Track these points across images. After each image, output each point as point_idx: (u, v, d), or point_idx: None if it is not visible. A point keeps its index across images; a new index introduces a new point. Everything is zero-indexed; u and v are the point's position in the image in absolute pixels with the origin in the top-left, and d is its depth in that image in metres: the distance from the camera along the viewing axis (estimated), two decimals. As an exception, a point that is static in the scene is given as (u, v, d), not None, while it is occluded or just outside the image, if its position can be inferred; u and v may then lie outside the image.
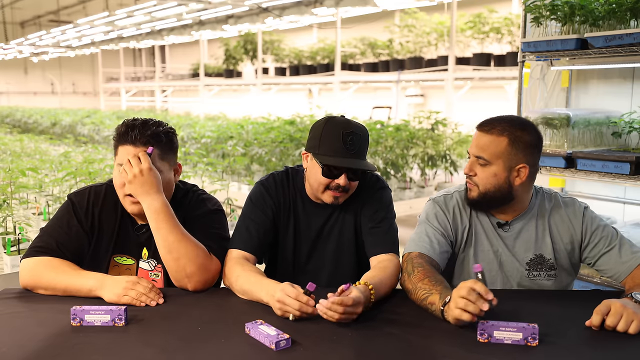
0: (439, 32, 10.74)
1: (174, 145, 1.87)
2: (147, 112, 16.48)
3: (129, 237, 1.87)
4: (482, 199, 1.80)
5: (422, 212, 1.95)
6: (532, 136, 1.78)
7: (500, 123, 1.78)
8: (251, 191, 1.98)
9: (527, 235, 1.86)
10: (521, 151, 1.76)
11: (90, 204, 1.85)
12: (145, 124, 1.80)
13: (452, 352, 1.37)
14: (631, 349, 1.40)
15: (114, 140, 1.82)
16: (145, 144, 1.77)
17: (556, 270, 1.86)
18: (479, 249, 1.87)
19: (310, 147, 1.88)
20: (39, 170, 4.68)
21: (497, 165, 1.76)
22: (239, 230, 1.91)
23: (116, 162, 1.81)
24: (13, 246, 3.20)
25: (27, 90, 25.57)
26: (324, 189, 1.85)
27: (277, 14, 12.23)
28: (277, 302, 1.54)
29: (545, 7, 2.89)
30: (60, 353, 1.36)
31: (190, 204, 1.91)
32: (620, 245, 1.80)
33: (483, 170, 1.78)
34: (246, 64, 15.75)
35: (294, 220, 1.96)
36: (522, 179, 1.77)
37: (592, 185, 3.23)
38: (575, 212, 1.86)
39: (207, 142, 7.71)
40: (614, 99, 3.07)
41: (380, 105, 13.74)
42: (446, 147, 7.19)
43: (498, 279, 1.87)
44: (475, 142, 1.80)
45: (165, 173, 1.82)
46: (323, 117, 1.92)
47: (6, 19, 21.20)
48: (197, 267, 1.73)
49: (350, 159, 1.81)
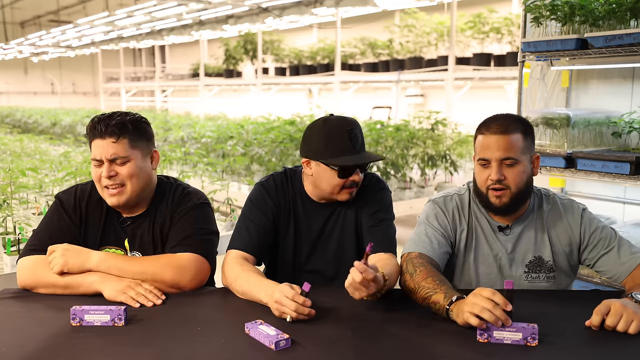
0: (439, 32, 10.74)
1: (145, 133, 1.88)
2: (147, 112, 16.45)
3: (115, 229, 1.89)
4: (514, 201, 1.78)
5: (421, 213, 1.95)
6: (530, 126, 1.84)
7: (508, 121, 1.78)
8: (251, 192, 1.99)
9: (527, 237, 1.85)
10: (531, 142, 1.82)
11: (77, 200, 1.89)
12: (111, 116, 1.82)
13: (452, 352, 1.37)
14: (631, 349, 1.40)
15: (86, 137, 1.85)
16: (112, 135, 1.78)
17: (555, 272, 1.86)
18: (479, 252, 1.87)
19: (316, 154, 1.86)
20: (39, 170, 4.68)
21: (523, 162, 1.78)
22: (239, 230, 1.91)
23: (91, 157, 1.84)
24: (13, 246, 3.20)
25: (27, 90, 25.56)
26: (339, 189, 1.87)
27: (277, 14, 12.23)
28: (275, 302, 1.54)
29: (545, 7, 2.89)
30: (60, 353, 1.36)
31: (174, 198, 1.92)
32: (619, 246, 1.79)
33: (512, 170, 1.76)
34: (246, 64, 15.75)
35: (295, 221, 1.97)
36: (537, 168, 1.82)
37: (592, 185, 3.23)
38: (574, 214, 1.86)
39: (207, 142, 7.71)
40: (614, 99, 3.07)
41: (380, 105, 13.74)
42: (446, 147, 7.18)
43: (497, 283, 1.86)
44: (497, 146, 1.75)
45: (137, 161, 1.83)
46: (316, 121, 1.91)
47: (6, 19, 21.21)
48: (173, 275, 1.74)
49: (359, 155, 1.84)
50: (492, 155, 1.76)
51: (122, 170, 1.80)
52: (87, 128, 1.83)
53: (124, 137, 1.79)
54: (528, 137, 1.79)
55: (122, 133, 1.79)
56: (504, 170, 1.76)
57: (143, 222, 1.89)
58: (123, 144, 1.79)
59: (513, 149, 1.75)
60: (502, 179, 1.76)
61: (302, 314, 1.52)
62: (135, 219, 1.89)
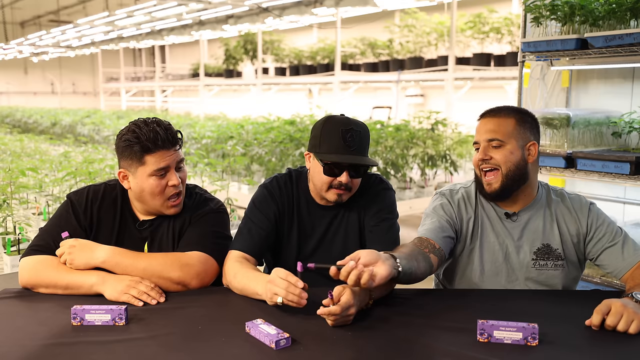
0: (439, 32, 10.74)
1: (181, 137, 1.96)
2: (147, 112, 16.46)
3: (130, 232, 1.89)
4: (505, 185, 1.82)
5: (428, 206, 1.99)
6: (532, 118, 1.88)
7: (503, 108, 1.87)
8: (255, 194, 1.99)
9: (534, 225, 1.88)
10: (528, 130, 1.84)
11: (89, 202, 1.87)
12: (160, 126, 1.81)
13: (452, 352, 1.37)
14: (631, 349, 1.40)
15: (139, 150, 1.79)
16: (174, 143, 1.82)
17: (564, 261, 1.87)
18: (484, 240, 1.89)
19: (312, 147, 1.89)
20: (39, 170, 4.68)
21: (511, 144, 1.81)
22: (240, 232, 1.92)
23: (146, 173, 1.80)
24: (13, 246, 3.20)
25: (27, 90, 25.55)
26: (327, 187, 1.86)
27: (277, 14, 12.23)
28: (268, 282, 1.54)
29: (545, 7, 2.89)
30: (60, 352, 1.37)
31: (193, 203, 1.94)
32: (624, 243, 1.82)
33: (499, 151, 1.82)
34: (246, 64, 15.75)
35: (298, 223, 1.97)
36: (533, 156, 1.84)
37: (592, 185, 3.23)
38: (582, 206, 1.90)
39: (207, 142, 7.71)
40: (614, 99, 3.08)
41: (380, 105, 13.74)
42: (446, 147, 7.18)
43: (503, 271, 1.88)
44: (484, 128, 1.85)
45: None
46: (323, 117, 1.93)
47: (6, 19, 21.20)
48: (180, 272, 1.74)
49: (351, 156, 1.82)
50: (479, 137, 1.85)
51: (182, 175, 1.86)
52: (144, 142, 1.77)
53: (179, 143, 1.86)
54: (523, 124, 1.84)
55: (178, 140, 1.86)
56: (490, 151, 1.83)
57: (160, 226, 1.89)
58: (179, 151, 1.86)
59: (499, 130, 1.82)
60: (488, 158, 1.82)
61: (292, 293, 1.50)
62: (152, 222, 1.89)
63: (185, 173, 1.90)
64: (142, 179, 1.81)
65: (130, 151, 1.80)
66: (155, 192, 1.81)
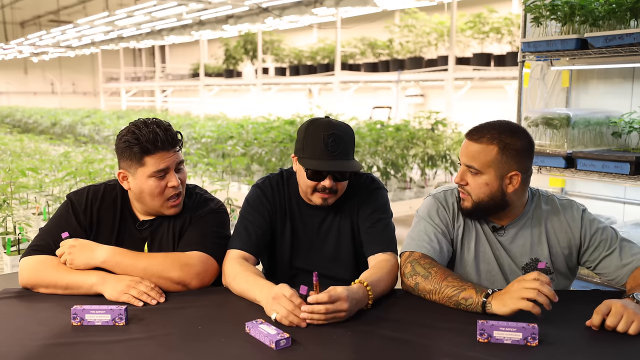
0: (439, 32, 10.74)
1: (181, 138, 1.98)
2: (147, 112, 16.47)
3: (130, 232, 1.89)
4: (475, 209, 1.78)
5: (420, 207, 1.93)
6: (522, 141, 1.74)
7: (490, 131, 1.74)
8: (248, 194, 2.00)
9: (522, 240, 1.84)
10: (512, 158, 1.72)
11: (89, 202, 1.87)
12: (160, 127, 1.81)
13: (452, 352, 1.37)
14: (631, 349, 1.40)
15: (138, 151, 1.79)
16: (174, 145, 1.82)
17: (552, 275, 1.84)
18: (479, 250, 1.86)
19: (296, 151, 1.89)
20: (39, 170, 4.68)
21: (489, 174, 1.73)
22: (237, 231, 1.92)
23: (145, 174, 1.79)
24: (13, 246, 3.20)
25: (27, 90, 25.55)
26: (312, 191, 1.87)
27: (277, 14, 12.23)
28: (273, 298, 1.54)
29: (545, 7, 2.89)
30: (60, 352, 1.37)
31: (194, 203, 1.94)
32: (621, 248, 1.78)
33: (474, 179, 1.76)
34: (246, 64, 15.75)
35: (291, 222, 1.97)
36: (514, 186, 1.74)
37: (592, 185, 3.23)
38: (574, 216, 1.83)
39: (207, 142, 7.71)
40: (614, 99, 3.08)
41: (380, 105, 13.74)
42: (446, 147, 7.19)
43: (497, 281, 1.86)
44: (465, 151, 1.77)
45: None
46: (307, 120, 1.93)
47: (6, 19, 21.19)
48: (180, 272, 1.74)
49: (333, 161, 1.80)
50: (461, 158, 1.80)
51: (181, 177, 1.86)
52: (144, 143, 1.77)
53: (178, 145, 1.86)
54: (507, 152, 1.71)
55: (178, 141, 1.86)
56: (467, 176, 1.78)
57: (160, 226, 1.90)
58: (179, 152, 1.86)
59: (477, 159, 1.74)
60: (464, 184, 1.78)
61: (295, 315, 1.50)
62: (152, 222, 1.90)
63: (185, 174, 1.90)
64: (141, 180, 1.81)
65: (130, 152, 1.80)
66: (154, 193, 1.81)
